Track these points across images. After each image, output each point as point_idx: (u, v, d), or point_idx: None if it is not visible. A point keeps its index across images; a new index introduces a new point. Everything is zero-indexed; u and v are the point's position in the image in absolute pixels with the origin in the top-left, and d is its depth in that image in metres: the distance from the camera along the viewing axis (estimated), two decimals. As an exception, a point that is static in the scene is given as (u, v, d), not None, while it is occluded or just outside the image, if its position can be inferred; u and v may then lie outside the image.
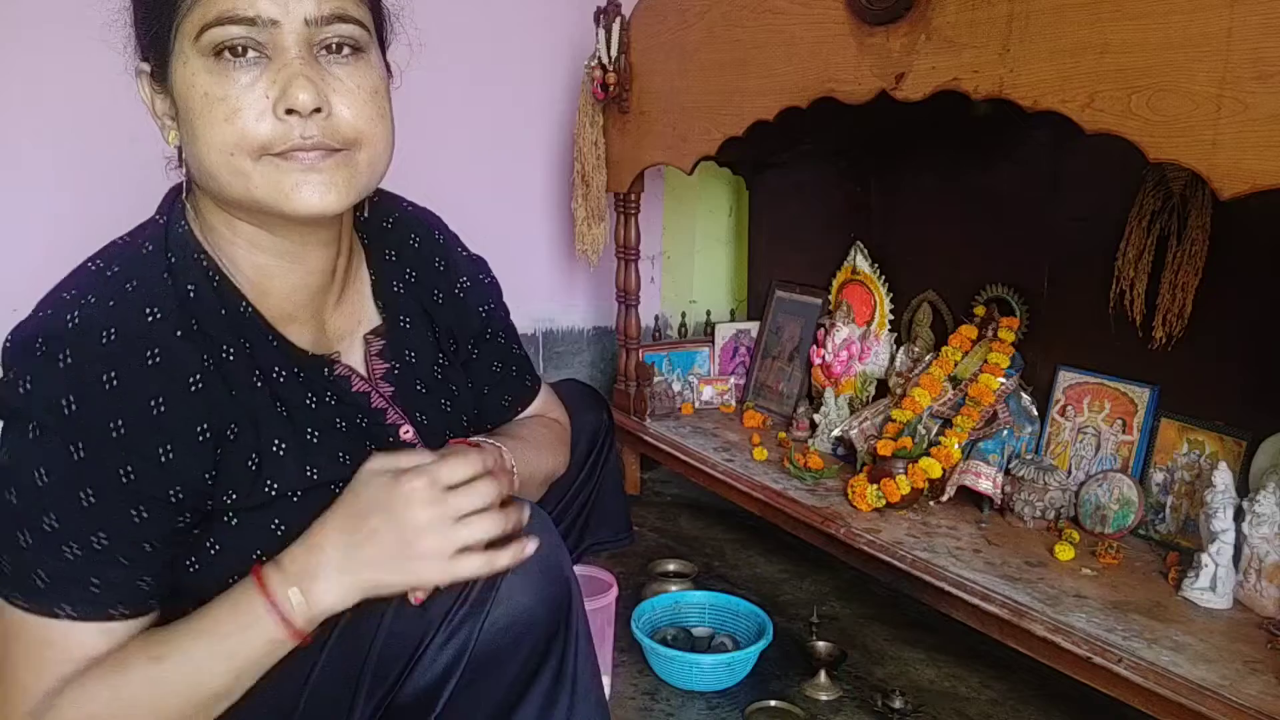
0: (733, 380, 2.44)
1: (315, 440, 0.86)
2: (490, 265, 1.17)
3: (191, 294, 0.82)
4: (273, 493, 0.83)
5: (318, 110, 0.77)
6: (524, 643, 0.81)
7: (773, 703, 1.48)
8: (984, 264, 1.96)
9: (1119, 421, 1.69)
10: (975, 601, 1.42)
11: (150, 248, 0.83)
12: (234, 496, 0.81)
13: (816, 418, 2.09)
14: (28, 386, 0.74)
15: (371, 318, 0.97)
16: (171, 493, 0.77)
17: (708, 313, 2.78)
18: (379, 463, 0.82)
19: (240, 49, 0.75)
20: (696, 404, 2.39)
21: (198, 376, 0.79)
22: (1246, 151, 1.03)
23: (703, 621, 1.68)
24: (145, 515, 0.77)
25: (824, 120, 1.70)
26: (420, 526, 0.77)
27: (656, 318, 2.86)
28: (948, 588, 1.46)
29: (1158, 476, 1.62)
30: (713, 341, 2.52)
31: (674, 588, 1.79)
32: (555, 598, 0.83)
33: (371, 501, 0.79)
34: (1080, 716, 1.48)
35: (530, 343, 2.65)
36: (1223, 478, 1.40)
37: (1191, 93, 1.08)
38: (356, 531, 0.79)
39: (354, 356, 0.94)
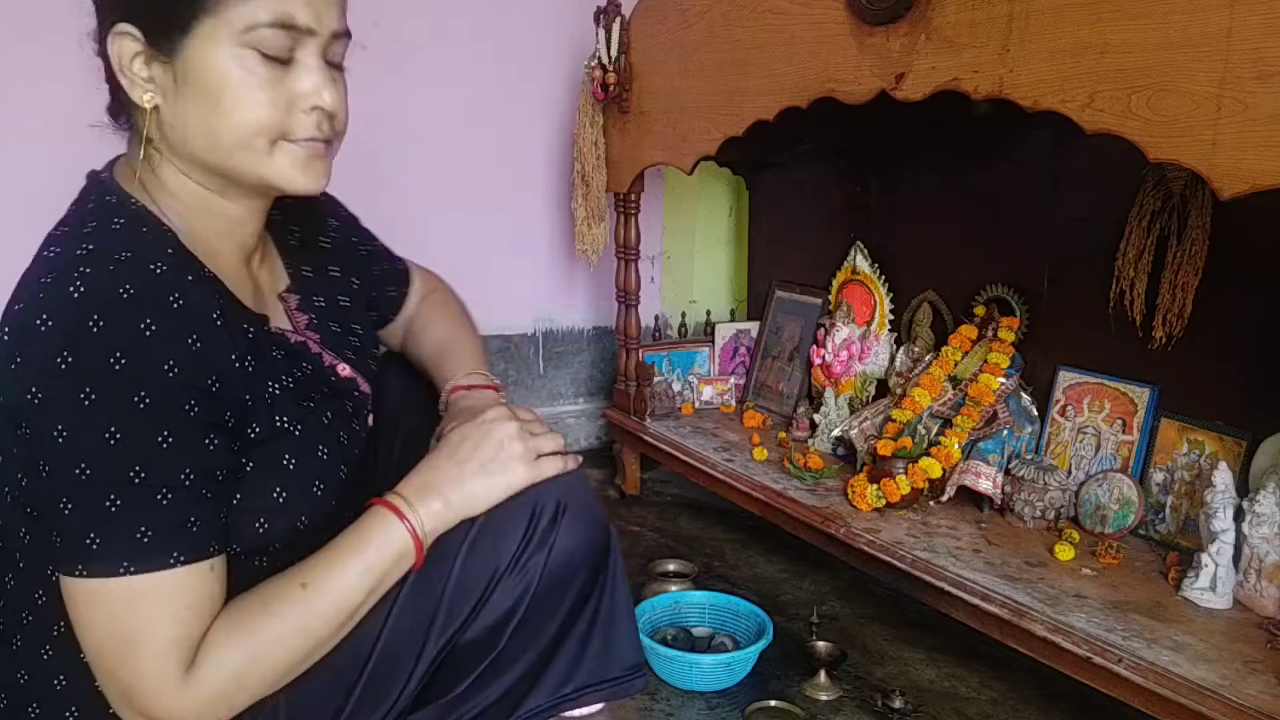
0: (733, 380, 2.44)
1: (291, 384, 0.93)
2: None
3: (171, 255, 0.85)
4: (284, 425, 0.89)
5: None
6: (575, 582, 0.95)
7: (773, 703, 1.48)
8: (984, 264, 1.96)
9: (1119, 421, 1.69)
10: (975, 601, 1.42)
11: (121, 221, 0.85)
12: (257, 429, 0.87)
13: (816, 418, 2.09)
14: (68, 360, 0.74)
15: (283, 277, 1.04)
16: (227, 417, 0.83)
17: (708, 313, 2.78)
18: (457, 420, 1.00)
19: (275, 47, 0.84)
20: (696, 404, 2.39)
21: (217, 313, 0.84)
22: (1246, 151, 1.03)
23: (703, 621, 1.69)
24: (215, 443, 0.81)
25: (824, 120, 1.70)
26: (510, 434, 0.96)
27: (656, 318, 2.86)
28: (948, 588, 1.46)
29: (1158, 476, 1.62)
30: (713, 341, 2.52)
31: (674, 588, 1.79)
32: (598, 542, 0.98)
33: (464, 433, 0.97)
34: (1080, 716, 1.48)
35: (530, 342, 2.66)
36: (1223, 478, 1.40)
37: (1191, 93, 1.08)
38: (458, 451, 0.95)
39: (279, 314, 1.01)
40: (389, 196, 2.35)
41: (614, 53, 2.10)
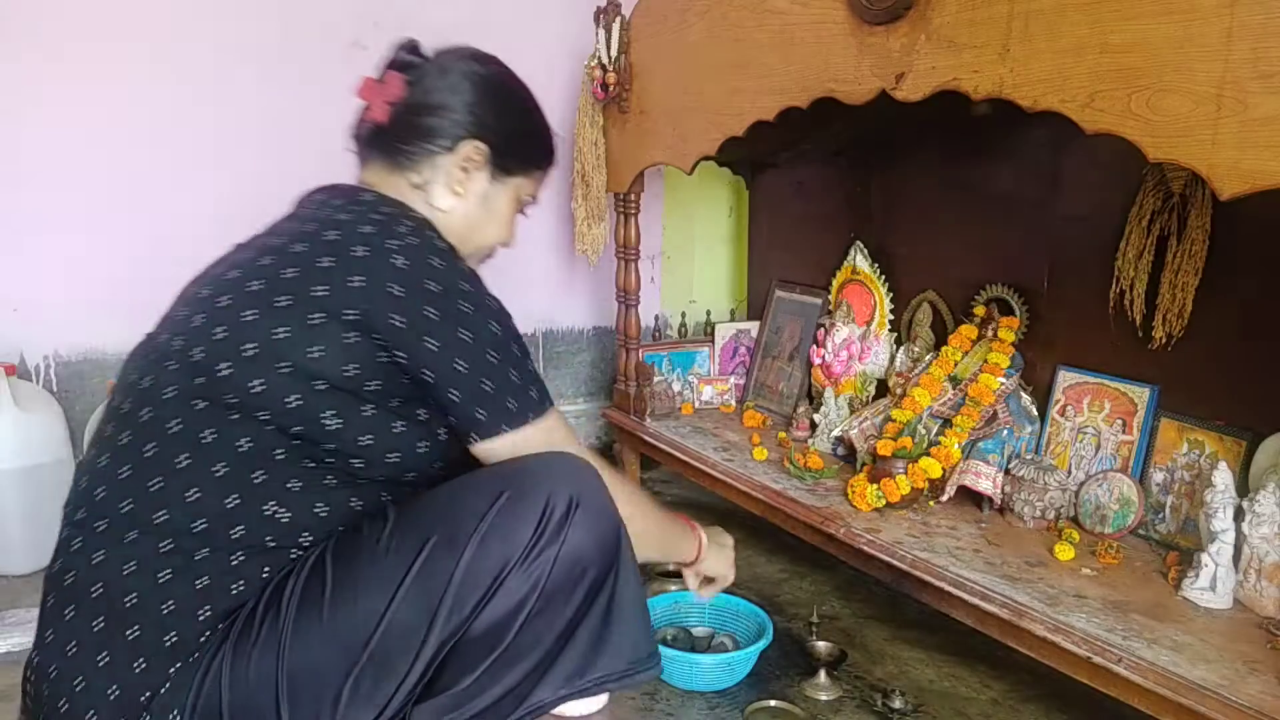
0: (733, 380, 2.44)
1: None
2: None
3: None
4: None
5: None
6: (586, 577, 1.01)
7: (773, 703, 1.48)
8: (984, 264, 1.96)
9: (1119, 421, 1.69)
10: (975, 601, 1.42)
11: (392, 209, 1.09)
12: None
13: (816, 418, 2.09)
14: (437, 274, 1.02)
15: None
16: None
17: (708, 312, 2.78)
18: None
19: (524, 205, 1.28)
20: (696, 404, 2.39)
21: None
22: (1246, 151, 1.03)
23: (703, 621, 1.69)
24: None
25: (824, 120, 1.70)
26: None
27: (656, 317, 2.86)
28: (948, 588, 1.46)
29: (1158, 476, 1.62)
30: (713, 341, 2.52)
31: (674, 588, 1.78)
32: (609, 537, 1.03)
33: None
34: (1080, 716, 1.48)
35: (530, 342, 2.65)
36: (1223, 478, 1.40)
37: (1191, 93, 1.08)
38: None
39: None
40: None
41: (614, 53, 2.10)
